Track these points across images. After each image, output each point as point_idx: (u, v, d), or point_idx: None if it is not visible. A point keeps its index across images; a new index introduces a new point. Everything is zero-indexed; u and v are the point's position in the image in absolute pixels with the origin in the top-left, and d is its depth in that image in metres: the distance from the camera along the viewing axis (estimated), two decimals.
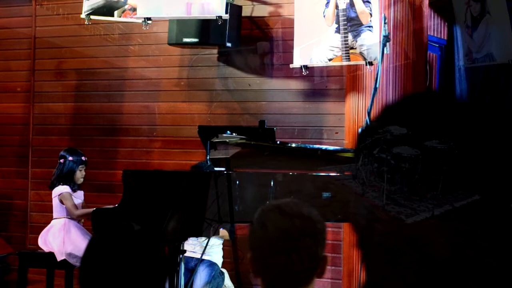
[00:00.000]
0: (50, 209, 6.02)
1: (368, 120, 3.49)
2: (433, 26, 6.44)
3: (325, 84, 6.03)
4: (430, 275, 1.10)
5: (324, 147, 5.06)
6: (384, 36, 3.69)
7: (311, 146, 5.11)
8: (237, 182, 4.64)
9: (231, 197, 4.50)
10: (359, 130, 3.54)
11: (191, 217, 4.55)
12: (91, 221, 4.73)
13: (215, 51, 6.34)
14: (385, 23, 3.69)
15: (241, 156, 4.88)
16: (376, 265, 1.13)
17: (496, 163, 1.19)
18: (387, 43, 3.70)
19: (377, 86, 3.57)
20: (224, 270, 5.86)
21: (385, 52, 3.69)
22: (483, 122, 1.20)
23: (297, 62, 5.56)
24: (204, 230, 4.60)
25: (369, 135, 1.21)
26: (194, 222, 4.55)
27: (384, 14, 3.85)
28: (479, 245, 1.14)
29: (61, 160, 5.67)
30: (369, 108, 3.54)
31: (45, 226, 5.86)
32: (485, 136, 1.20)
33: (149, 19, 5.58)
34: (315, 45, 5.51)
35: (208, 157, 4.68)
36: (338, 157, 4.79)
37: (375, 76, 3.65)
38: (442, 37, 6.56)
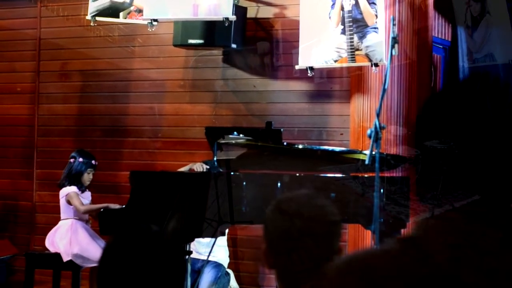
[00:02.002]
0: (54, 210, 6.03)
1: (377, 122, 3.50)
2: (437, 27, 6.46)
3: (329, 85, 6.04)
4: (430, 275, 1.10)
5: (330, 148, 5.07)
6: (392, 38, 3.70)
7: (317, 147, 5.12)
8: (244, 183, 4.66)
9: (231, 197, 4.50)
10: (368, 131, 3.55)
11: (197, 218, 4.57)
12: (98, 222, 4.74)
13: (220, 52, 6.35)
14: (393, 24, 3.70)
15: (247, 157, 4.90)
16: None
17: (496, 163, 1.19)
18: (395, 45, 3.71)
19: (386, 87, 3.58)
20: (229, 271, 5.87)
21: (393, 53, 3.70)
22: (483, 122, 1.21)
23: (302, 64, 5.57)
24: (210, 231, 4.62)
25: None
26: (201, 223, 4.56)
27: (393, 16, 3.87)
28: (479, 245, 1.15)
29: (71, 160, 5.70)
30: (377, 109, 3.54)
31: (49, 227, 5.87)
32: (485, 136, 1.21)
33: (155, 20, 5.59)
34: (320, 46, 5.53)
35: (215, 158, 4.69)
36: (345, 158, 4.81)
37: (384, 78, 3.66)
38: (446, 39, 6.57)
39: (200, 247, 5.62)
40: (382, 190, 4.60)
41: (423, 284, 1.09)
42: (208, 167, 5.44)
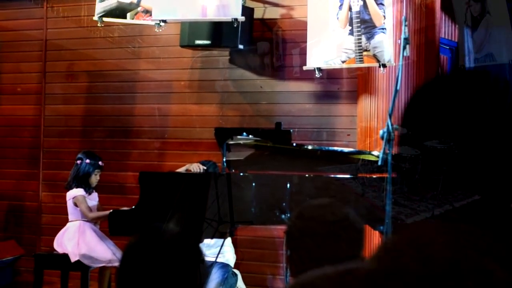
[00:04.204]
0: (61, 211, 6.03)
1: (389, 123, 3.50)
2: (444, 28, 6.47)
3: (337, 86, 6.05)
4: (430, 276, 1.11)
5: (339, 149, 5.08)
6: (404, 39, 3.70)
7: (325, 148, 5.13)
8: (253, 184, 4.65)
9: (231, 197, 4.49)
10: (380, 132, 3.55)
11: (208, 218, 4.56)
12: (108, 223, 4.74)
13: (227, 53, 6.35)
14: (405, 25, 3.70)
15: (255, 158, 4.90)
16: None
17: (496, 163, 1.19)
18: (407, 46, 3.71)
19: (398, 88, 3.59)
20: (237, 272, 5.87)
21: (405, 54, 3.70)
22: (483, 122, 1.21)
23: (310, 64, 5.57)
24: (219, 232, 4.62)
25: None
26: (210, 223, 4.56)
27: (405, 16, 3.87)
28: (479, 245, 1.15)
29: (78, 162, 5.67)
30: (390, 110, 3.54)
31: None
32: (485, 136, 1.21)
33: (164, 21, 5.59)
34: (328, 47, 5.53)
35: (224, 159, 4.69)
36: (353, 159, 4.82)
37: (396, 78, 3.66)
38: (453, 39, 6.58)
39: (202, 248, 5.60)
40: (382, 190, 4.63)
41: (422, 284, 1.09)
42: (205, 167, 5.44)
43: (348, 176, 4.80)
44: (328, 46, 5.52)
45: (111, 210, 4.91)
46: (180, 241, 2.17)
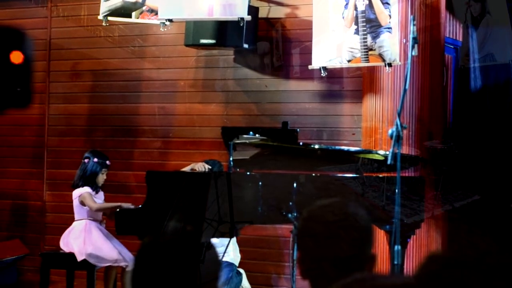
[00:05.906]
0: (65, 210, 6.02)
1: (398, 122, 3.51)
2: (449, 27, 6.47)
3: (341, 85, 6.05)
4: (431, 275, 1.11)
5: (346, 148, 5.08)
6: (412, 38, 3.71)
7: (332, 147, 5.13)
8: (260, 183, 4.66)
9: (231, 196, 4.48)
10: (389, 131, 3.56)
11: (215, 217, 4.56)
12: (115, 221, 4.73)
13: (231, 52, 6.35)
14: (413, 24, 3.71)
15: (260, 157, 4.91)
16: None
17: (496, 163, 1.20)
18: (415, 45, 3.72)
19: (407, 87, 3.60)
20: (242, 271, 5.87)
21: (413, 54, 3.70)
22: (483, 122, 1.22)
23: (315, 64, 5.58)
24: (227, 231, 4.62)
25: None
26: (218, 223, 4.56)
27: (413, 16, 3.88)
28: (479, 245, 1.16)
29: (85, 160, 5.67)
30: (399, 109, 3.55)
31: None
32: (485, 136, 1.21)
33: (170, 20, 5.59)
34: (333, 46, 5.53)
35: (231, 158, 4.69)
36: (359, 158, 4.83)
37: (404, 77, 3.67)
38: (457, 39, 6.59)
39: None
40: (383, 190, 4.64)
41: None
42: (210, 167, 5.44)
43: (355, 175, 4.81)
44: (333, 45, 5.53)
45: (118, 204, 4.91)
46: (193, 241, 2.18)
